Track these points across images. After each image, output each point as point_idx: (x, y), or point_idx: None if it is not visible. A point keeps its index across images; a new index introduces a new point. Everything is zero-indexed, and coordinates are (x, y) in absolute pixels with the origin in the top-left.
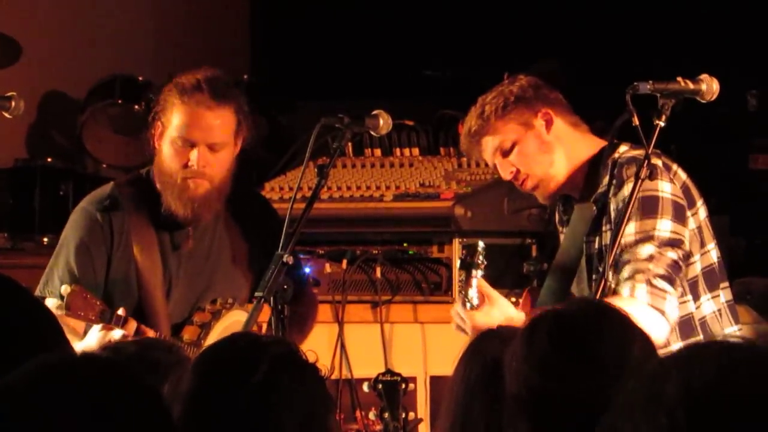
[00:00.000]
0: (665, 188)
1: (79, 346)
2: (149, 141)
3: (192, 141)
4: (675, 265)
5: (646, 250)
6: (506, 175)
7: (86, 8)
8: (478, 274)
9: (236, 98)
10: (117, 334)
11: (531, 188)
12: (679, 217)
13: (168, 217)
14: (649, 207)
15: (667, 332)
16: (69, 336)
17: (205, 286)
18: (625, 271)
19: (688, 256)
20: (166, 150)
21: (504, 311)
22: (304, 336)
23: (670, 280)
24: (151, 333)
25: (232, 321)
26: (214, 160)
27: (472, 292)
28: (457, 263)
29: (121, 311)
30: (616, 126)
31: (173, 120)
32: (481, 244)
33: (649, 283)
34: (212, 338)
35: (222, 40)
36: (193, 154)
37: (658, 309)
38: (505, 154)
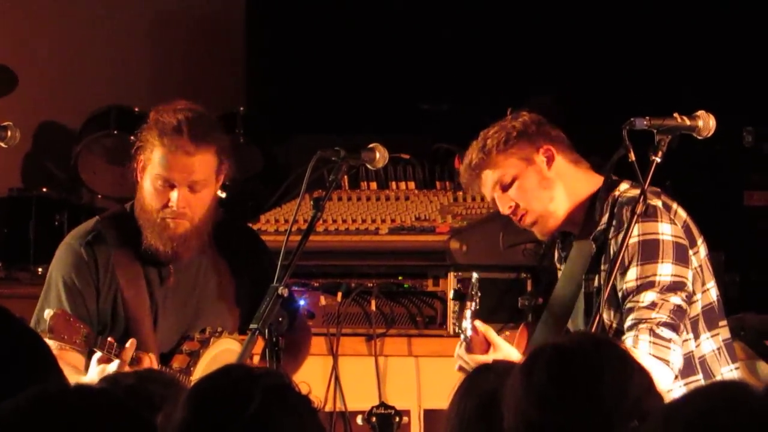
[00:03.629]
0: (665, 230)
1: (82, 381)
2: (132, 174)
3: (171, 182)
4: (678, 311)
5: (648, 297)
6: (505, 209)
7: (82, 39)
8: (471, 305)
9: (217, 139)
10: (115, 365)
11: (530, 224)
12: (681, 258)
13: (150, 253)
14: (650, 251)
15: (672, 381)
16: (70, 373)
17: (192, 316)
18: (628, 320)
19: (691, 296)
20: (147, 187)
21: (509, 356)
22: (299, 365)
23: (673, 328)
24: (147, 359)
25: (222, 349)
26: (194, 200)
27: (466, 323)
28: (450, 294)
29: (110, 339)
30: (612, 162)
31: (153, 159)
32: (475, 275)
33: (652, 332)
34: (201, 366)
35: (218, 72)
36: (173, 195)
37: (662, 359)
38: (505, 188)
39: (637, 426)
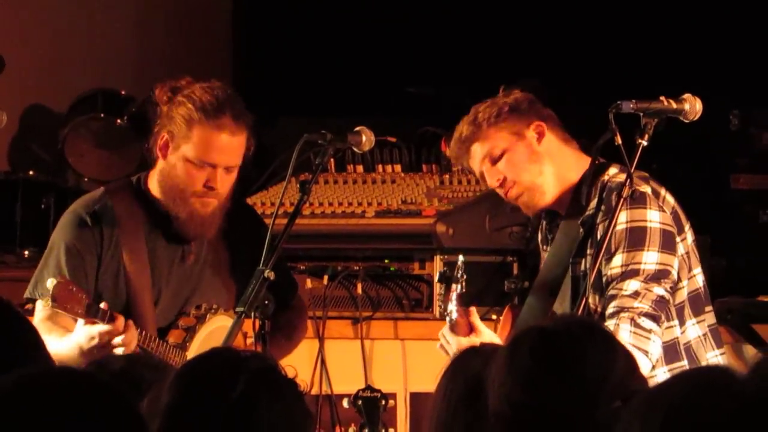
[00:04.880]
0: (654, 217)
1: (69, 342)
2: (150, 150)
3: (212, 163)
4: (660, 301)
5: (632, 286)
6: (493, 182)
7: (69, 22)
8: (457, 288)
9: (249, 118)
10: (101, 327)
11: (516, 196)
12: (668, 246)
13: (174, 232)
14: (636, 238)
15: (648, 371)
16: (60, 332)
17: (191, 292)
18: (610, 308)
19: (675, 284)
20: (180, 166)
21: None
22: (293, 344)
23: (654, 318)
24: (134, 329)
25: (217, 326)
26: (228, 181)
27: (451, 306)
28: (436, 277)
29: (103, 305)
30: (598, 145)
31: (191, 138)
32: (461, 258)
33: (633, 322)
34: (197, 341)
35: (204, 55)
36: (214, 176)
37: (641, 350)
38: (494, 161)
39: (619, 407)
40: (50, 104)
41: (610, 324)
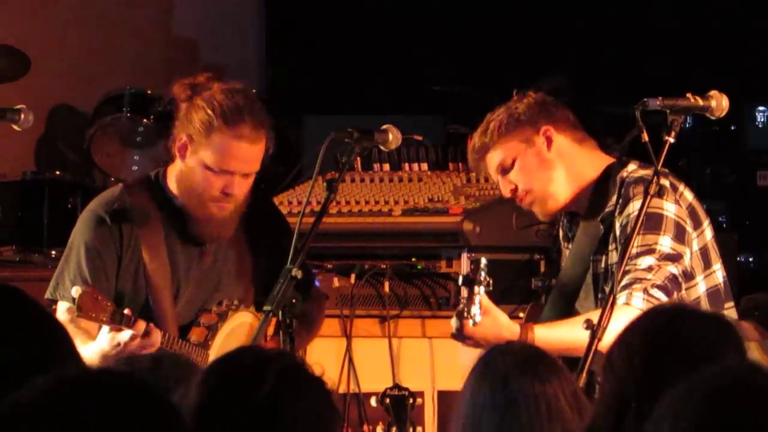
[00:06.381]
0: (669, 208)
1: (91, 348)
2: (169, 149)
3: (231, 171)
4: (673, 279)
5: (647, 261)
6: (506, 192)
7: (96, 22)
8: (480, 290)
9: (269, 122)
10: (126, 334)
11: (529, 204)
12: (680, 237)
13: (192, 234)
14: (653, 223)
15: None
16: (82, 337)
17: (212, 289)
18: (624, 280)
19: (688, 274)
20: (198, 171)
21: (497, 321)
22: (311, 335)
23: (666, 291)
24: (157, 333)
25: (239, 323)
26: (245, 186)
27: (475, 309)
28: (459, 280)
29: (126, 311)
30: (625, 142)
31: (210, 146)
32: (483, 260)
33: (646, 291)
34: (219, 339)
35: (231, 54)
36: (231, 182)
37: None
38: (505, 171)
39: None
40: (77, 104)
41: (623, 294)
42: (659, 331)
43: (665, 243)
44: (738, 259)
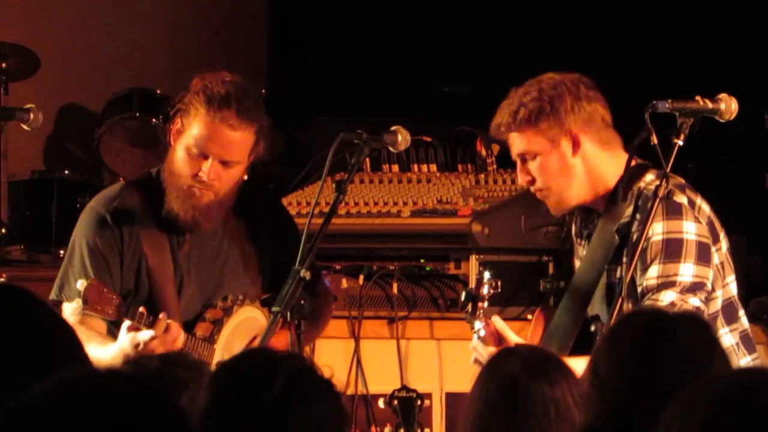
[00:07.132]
0: (690, 229)
1: (111, 349)
2: (166, 133)
3: (206, 153)
4: (696, 312)
5: (668, 296)
6: (522, 179)
7: (104, 22)
8: (484, 305)
9: (260, 118)
10: (146, 334)
11: (543, 197)
12: (703, 258)
13: (169, 219)
14: (673, 250)
15: None
16: (99, 339)
17: (215, 284)
18: None
19: (710, 294)
20: (180, 153)
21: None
22: (319, 330)
23: None
24: (175, 326)
25: (244, 317)
26: (224, 175)
27: (478, 324)
28: (462, 296)
29: (141, 309)
30: (634, 145)
31: (193, 126)
32: (486, 275)
33: None
34: (225, 334)
35: (239, 55)
36: (205, 166)
37: None
38: (525, 160)
39: None
40: (86, 104)
41: None
42: (646, 337)
43: (686, 272)
44: (747, 261)
